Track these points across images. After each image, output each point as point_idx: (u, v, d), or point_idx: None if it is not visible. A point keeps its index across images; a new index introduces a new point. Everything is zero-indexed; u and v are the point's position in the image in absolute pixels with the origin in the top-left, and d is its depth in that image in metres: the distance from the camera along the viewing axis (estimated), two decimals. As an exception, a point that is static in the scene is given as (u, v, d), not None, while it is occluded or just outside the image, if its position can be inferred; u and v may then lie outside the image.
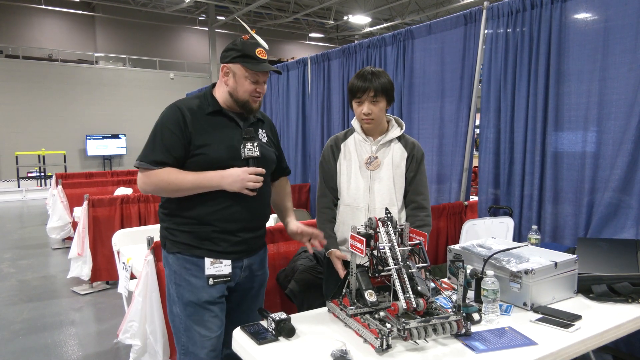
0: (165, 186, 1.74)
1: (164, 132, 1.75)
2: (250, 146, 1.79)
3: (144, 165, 1.75)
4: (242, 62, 1.77)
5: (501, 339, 1.54)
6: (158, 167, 1.74)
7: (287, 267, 2.67)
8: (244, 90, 1.80)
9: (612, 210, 2.61)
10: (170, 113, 1.79)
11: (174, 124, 1.76)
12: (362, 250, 1.59)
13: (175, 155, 1.75)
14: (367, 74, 2.04)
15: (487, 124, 3.28)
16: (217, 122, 1.82)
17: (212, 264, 1.80)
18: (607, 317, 1.74)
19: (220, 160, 1.76)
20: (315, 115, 5.30)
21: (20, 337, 3.62)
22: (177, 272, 1.83)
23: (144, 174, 1.77)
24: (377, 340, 1.44)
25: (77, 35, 17.49)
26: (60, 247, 6.52)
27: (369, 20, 18.46)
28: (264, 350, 1.50)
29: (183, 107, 1.79)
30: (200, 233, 1.80)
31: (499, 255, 1.98)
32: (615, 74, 2.60)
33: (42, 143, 14.77)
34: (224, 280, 1.82)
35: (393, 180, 2.12)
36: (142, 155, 1.77)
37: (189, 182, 1.73)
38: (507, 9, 3.14)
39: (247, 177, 1.74)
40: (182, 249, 1.82)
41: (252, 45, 1.79)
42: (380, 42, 4.28)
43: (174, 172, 1.74)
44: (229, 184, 1.74)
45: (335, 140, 2.23)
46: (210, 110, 1.82)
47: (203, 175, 1.74)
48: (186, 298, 1.81)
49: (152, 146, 1.76)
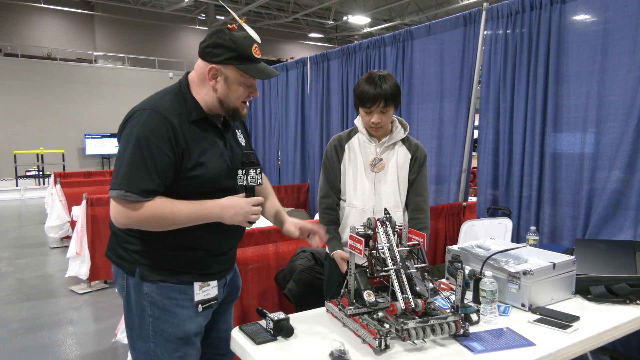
0: (158, 222, 1.43)
1: (153, 152, 1.39)
2: (253, 173, 1.51)
3: (132, 197, 1.38)
4: (239, 65, 1.47)
5: (499, 339, 1.54)
6: (149, 198, 1.40)
7: (286, 267, 2.67)
8: (236, 97, 1.52)
9: (610, 212, 2.62)
10: (154, 125, 1.41)
11: (163, 140, 1.40)
12: (361, 251, 1.59)
13: (165, 181, 1.44)
14: (376, 79, 1.99)
15: (486, 124, 3.29)
16: (205, 132, 1.52)
17: (201, 288, 1.57)
18: (605, 318, 1.75)
19: (217, 181, 1.53)
20: (315, 116, 5.31)
21: (18, 336, 3.61)
22: (156, 303, 1.53)
23: (129, 208, 1.40)
24: (375, 340, 1.44)
25: (76, 34, 17.48)
26: (58, 246, 6.51)
27: (369, 20, 18.47)
28: (262, 350, 1.50)
29: (167, 114, 1.43)
30: (186, 257, 1.55)
31: (498, 256, 1.98)
32: (614, 76, 2.60)
33: (40, 142, 14.74)
34: (212, 304, 1.63)
35: (398, 182, 2.12)
36: (125, 182, 1.38)
37: (185, 217, 1.45)
38: (507, 10, 3.14)
39: (251, 209, 1.50)
40: (166, 276, 1.52)
41: (248, 43, 1.47)
42: (380, 43, 4.29)
43: (167, 203, 1.43)
44: (230, 217, 1.49)
45: (339, 140, 2.22)
46: (194, 117, 1.50)
47: (201, 207, 1.47)
48: (168, 333, 1.54)
49: (139, 170, 1.39)
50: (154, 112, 1.43)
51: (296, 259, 2.66)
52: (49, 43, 16.54)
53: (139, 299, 1.55)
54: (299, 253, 2.72)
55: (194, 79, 1.54)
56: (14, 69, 14.90)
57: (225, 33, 1.46)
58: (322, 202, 2.22)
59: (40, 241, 6.97)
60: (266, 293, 2.69)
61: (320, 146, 5.20)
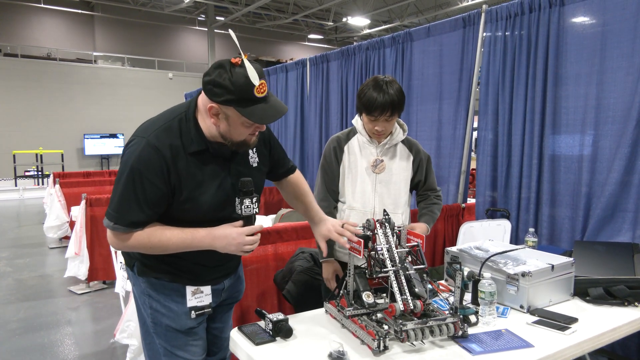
0: (147, 250, 1.47)
1: (145, 185, 1.39)
2: (248, 203, 1.47)
3: (120, 229, 1.42)
4: (238, 108, 1.38)
5: (498, 341, 1.55)
6: (137, 229, 1.43)
7: (285, 268, 2.67)
8: (239, 134, 1.45)
9: (608, 214, 2.62)
10: (148, 158, 1.39)
11: (155, 174, 1.40)
12: (360, 252, 1.60)
13: (157, 212, 1.45)
14: (383, 85, 1.97)
15: (485, 126, 3.29)
16: (204, 163, 1.48)
17: (194, 294, 1.59)
18: (604, 320, 1.75)
19: (209, 212, 1.50)
20: (314, 117, 5.31)
21: (17, 336, 3.61)
22: (153, 296, 1.58)
23: (118, 236, 1.45)
24: (374, 341, 1.44)
25: (76, 34, 17.47)
26: (57, 246, 6.51)
27: (368, 22, 18.49)
28: (261, 350, 1.50)
29: (162, 147, 1.41)
30: (177, 265, 1.57)
31: (496, 257, 1.98)
32: (612, 78, 2.61)
33: (39, 142, 14.73)
34: (206, 312, 1.62)
35: (399, 184, 2.13)
36: (114, 214, 1.42)
37: (174, 245, 1.45)
38: (506, 12, 3.15)
39: (244, 240, 1.46)
40: (160, 274, 1.57)
41: (248, 85, 1.35)
42: (379, 44, 4.29)
43: (157, 232, 1.45)
44: (222, 247, 1.47)
45: (338, 141, 2.21)
46: (194, 149, 1.46)
47: (192, 236, 1.46)
48: (166, 325, 1.59)
49: (129, 202, 1.40)
50: (151, 145, 1.40)
51: (295, 260, 2.65)
52: (49, 43, 16.54)
53: (139, 291, 1.62)
54: (298, 254, 2.72)
55: (200, 106, 1.48)
56: (14, 69, 14.90)
57: (226, 71, 1.36)
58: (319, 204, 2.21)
59: (39, 241, 6.96)
60: (265, 294, 2.69)
61: (319, 147, 5.21)
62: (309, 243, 2.91)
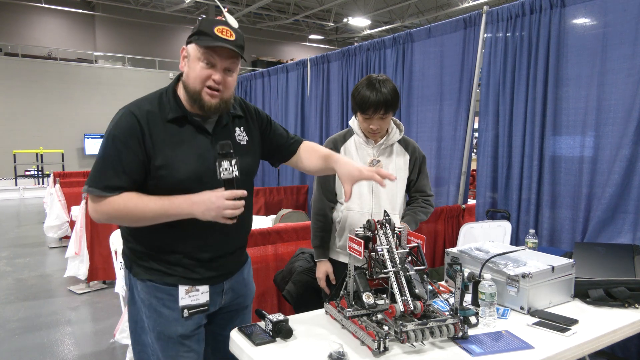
0: (122, 216, 1.43)
1: (119, 149, 1.41)
2: (227, 165, 1.40)
3: (95, 192, 1.41)
4: (196, 40, 1.43)
5: (498, 342, 1.54)
6: (112, 193, 1.41)
7: (285, 268, 2.67)
8: (195, 76, 1.44)
9: (609, 215, 2.62)
10: (123, 123, 1.43)
11: (128, 137, 1.41)
12: (361, 253, 1.59)
13: (134, 178, 1.43)
14: (376, 84, 1.98)
15: (486, 127, 3.29)
16: (181, 131, 1.49)
17: (187, 292, 1.54)
18: (604, 322, 1.75)
19: (187, 182, 1.46)
20: (314, 117, 5.31)
21: (16, 335, 3.60)
22: (145, 301, 1.56)
23: (95, 202, 1.43)
24: (374, 342, 1.44)
25: (76, 34, 17.49)
26: (57, 246, 6.51)
27: (369, 22, 18.50)
28: (261, 351, 1.50)
29: (139, 113, 1.44)
30: (169, 260, 1.53)
31: (497, 258, 1.98)
32: (613, 80, 2.61)
33: (40, 141, 14.74)
34: (201, 310, 1.58)
35: (397, 185, 2.13)
36: (91, 179, 1.43)
37: (151, 212, 1.41)
38: (507, 13, 3.15)
39: (224, 203, 1.39)
40: (152, 275, 1.54)
41: (211, 22, 1.44)
42: (380, 45, 4.29)
43: (134, 197, 1.42)
44: (201, 213, 1.41)
45: (334, 143, 2.22)
46: (171, 116, 1.47)
47: (169, 202, 1.42)
48: (157, 332, 1.55)
49: (103, 166, 1.42)
50: (127, 110, 1.46)
51: (295, 261, 2.65)
52: (50, 43, 16.55)
53: (136, 294, 1.60)
54: (298, 254, 2.71)
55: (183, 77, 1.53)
56: (15, 68, 14.91)
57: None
58: (315, 207, 2.23)
59: (39, 241, 6.96)
60: (265, 294, 2.69)
61: (319, 148, 5.20)
62: (309, 244, 2.91)
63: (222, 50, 1.44)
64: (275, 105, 6.13)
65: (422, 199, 2.25)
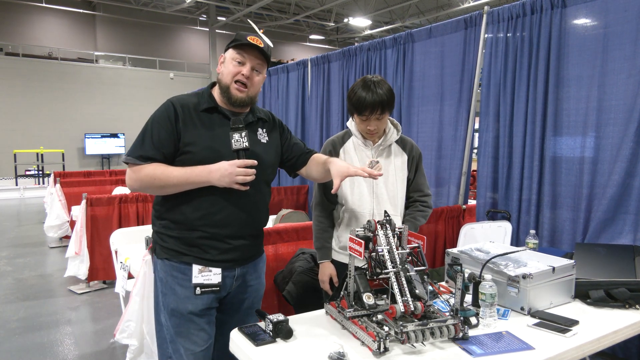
0: (151, 181, 1.65)
1: (154, 127, 1.68)
2: (237, 137, 1.64)
3: (131, 160, 1.67)
4: (231, 45, 1.73)
5: (498, 343, 1.54)
6: (146, 162, 1.66)
7: (285, 268, 2.67)
8: (227, 72, 1.72)
9: (610, 216, 2.62)
10: (162, 108, 1.72)
11: (164, 119, 1.69)
12: (361, 253, 1.59)
13: (164, 152, 1.67)
14: (371, 85, 1.99)
15: (486, 127, 3.29)
16: (211, 119, 1.73)
17: (200, 272, 1.70)
18: (604, 323, 1.75)
19: (206, 160, 1.67)
20: (315, 117, 5.31)
21: (17, 335, 3.60)
22: (163, 279, 1.75)
23: (132, 169, 1.69)
24: (374, 343, 1.44)
25: (77, 33, 17.50)
26: (57, 246, 6.51)
27: (369, 22, 18.50)
28: (261, 351, 1.50)
29: (177, 102, 1.72)
30: (188, 239, 1.71)
31: (497, 259, 1.98)
32: (614, 80, 2.61)
33: (40, 141, 14.75)
34: (212, 290, 1.72)
35: (397, 185, 2.13)
36: (130, 150, 1.70)
37: (175, 178, 1.64)
38: (507, 13, 3.15)
39: (235, 170, 1.60)
40: (171, 255, 1.73)
41: (246, 34, 1.72)
42: (381, 45, 4.29)
43: (161, 167, 1.66)
44: (217, 179, 1.62)
45: (333, 145, 2.22)
46: (204, 107, 1.73)
47: (190, 170, 1.65)
48: (171, 307, 1.73)
49: (142, 141, 1.69)
50: (168, 101, 1.74)
51: (295, 261, 2.65)
52: (50, 42, 16.57)
53: (156, 275, 1.81)
54: (298, 255, 2.72)
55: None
56: (15, 68, 14.93)
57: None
58: (316, 209, 2.22)
59: (39, 240, 6.97)
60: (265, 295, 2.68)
61: (320, 148, 5.15)
62: (309, 244, 2.91)
63: (251, 50, 1.71)
64: (276, 105, 6.13)
65: (420, 201, 2.23)
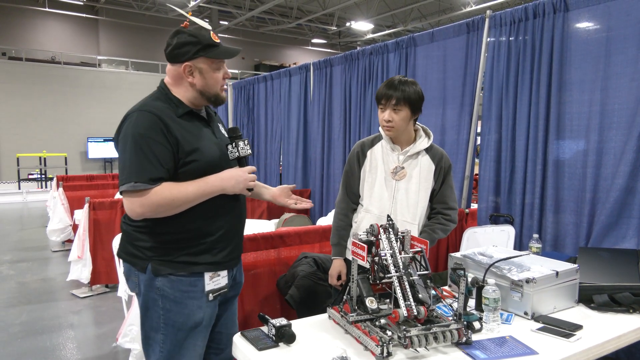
0: (169, 203, 1.56)
1: (150, 144, 1.53)
2: (242, 145, 1.70)
3: (142, 186, 1.52)
4: (206, 54, 1.64)
5: (502, 348, 1.54)
6: (156, 184, 1.54)
7: (287, 272, 2.67)
8: (214, 82, 1.69)
9: (613, 220, 2.61)
10: (146, 121, 1.56)
11: (158, 133, 1.55)
12: (364, 257, 1.59)
13: (167, 168, 1.57)
14: (396, 82, 2.04)
15: (489, 131, 3.28)
16: (192, 123, 1.68)
17: (211, 278, 1.70)
18: (608, 327, 1.74)
19: (213, 163, 1.67)
20: (317, 121, 5.31)
21: (19, 339, 3.60)
22: (168, 296, 1.65)
23: (141, 196, 1.53)
24: (377, 347, 1.43)
25: (80, 38, 17.56)
26: (60, 250, 6.51)
27: (372, 26, 18.53)
28: (264, 356, 1.50)
29: (157, 112, 1.58)
30: (199, 245, 1.67)
31: (500, 263, 1.98)
32: (617, 84, 2.61)
33: (43, 145, 14.78)
34: (221, 292, 1.74)
35: (419, 194, 2.10)
36: (132, 176, 1.52)
37: (192, 194, 1.58)
38: (510, 17, 3.15)
39: (248, 176, 1.68)
40: (178, 268, 1.64)
41: (205, 32, 1.66)
42: (383, 49, 4.30)
43: (174, 185, 1.57)
44: (232, 187, 1.65)
45: (362, 147, 2.22)
46: (181, 112, 1.65)
47: (204, 183, 1.61)
48: (180, 323, 1.66)
49: (142, 162, 1.53)
50: (143, 111, 1.59)
51: (298, 265, 2.65)
52: (53, 47, 16.63)
53: (151, 293, 1.66)
54: (300, 259, 2.71)
55: (170, 82, 1.71)
56: (18, 72, 14.98)
57: (183, 32, 1.64)
58: (338, 206, 2.27)
59: (42, 244, 6.97)
60: (268, 299, 2.68)
61: (321, 152, 5.20)
62: (312, 248, 2.91)
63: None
64: (278, 109, 6.14)
65: (443, 213, 2.17)
